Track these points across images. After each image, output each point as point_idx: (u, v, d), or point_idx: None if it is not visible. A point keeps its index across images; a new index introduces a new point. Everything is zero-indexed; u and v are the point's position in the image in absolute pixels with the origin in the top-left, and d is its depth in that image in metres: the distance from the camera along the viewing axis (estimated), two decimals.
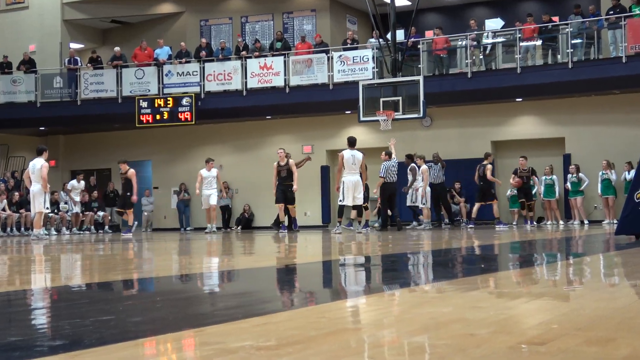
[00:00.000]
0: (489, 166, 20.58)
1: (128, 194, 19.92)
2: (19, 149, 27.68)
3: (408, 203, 21.03)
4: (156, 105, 24.41)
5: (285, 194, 19.51)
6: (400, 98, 21.14)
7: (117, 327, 3.45)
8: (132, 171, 19.87)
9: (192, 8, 27.75)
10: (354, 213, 18.45)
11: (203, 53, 24.76)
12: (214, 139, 26.42)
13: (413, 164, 21.03)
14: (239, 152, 26.25)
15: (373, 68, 22.94)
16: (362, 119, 21.73)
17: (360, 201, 18.17)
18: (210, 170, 20.89)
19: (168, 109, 24.32)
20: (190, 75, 24.71)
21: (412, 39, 22.77)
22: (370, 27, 24.10)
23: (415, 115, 21.28)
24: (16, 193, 23.38)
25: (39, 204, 17.78)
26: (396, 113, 21.02)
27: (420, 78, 21.13)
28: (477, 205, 20.79)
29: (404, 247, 11.25)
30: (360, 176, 17.90)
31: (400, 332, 3.21)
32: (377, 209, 21.57)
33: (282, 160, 19.69)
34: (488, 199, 20.67)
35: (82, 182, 24.50)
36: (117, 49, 25.99)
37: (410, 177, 20.88)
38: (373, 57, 23.01)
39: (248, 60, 24.30)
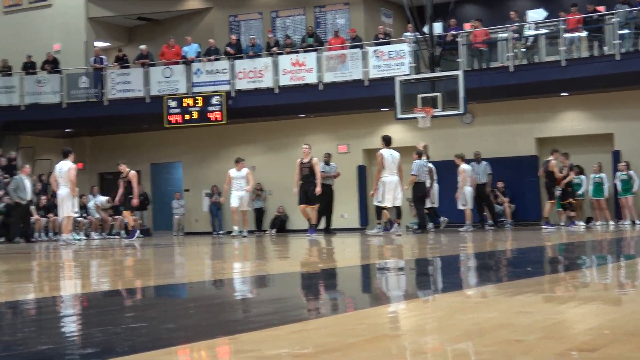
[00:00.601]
0: (553, 162, 19.65)
1: (129, 196, 19.35)
2: (44, 151, 27.12)
3: (427, 204, 20.21)
4: (185, 104, 23.73)
5: (307, 193, 18.78)
6: (439, 94, 20.35)
7: (149, 335, 3.40)
8: (133, 173, 19.57)
9: (220, 3, 27.10)
10: (386, 215, 17.73)
11: (230, 50, 24.03)
12: (245, 138, 25.70)
13: (430, 165, 20.31)
14: (272, 152, 25.54)
15: (410, 63, 22.12)
16: (399, 116, 20.96)
17: (400, 202, 17.57)
18: (240, 171, 20.08)
19: (197, 109, 23.63)
20: (219, 73, 24.00)
21: (452, 32, 21.96)
22: (406, 20, 23.27)
23: (455, 112, 20.48)
24: (43, 197, 22.77)
25: (67, 208, 17.52)
26: (435, 110, 20.21)
27: (460, 73, 20.31)
28: (549, 205, 19.86)
29: (444, 249, 11.15)
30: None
31: (443, 338, 3.13)
32: (415, 211, 20.88)
33: (305, 157, 18.95)
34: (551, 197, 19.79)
35: (109, 205, 23.88)
36: (143, 47, 25.36)
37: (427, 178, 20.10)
38: (410, 52, 22.18)
39: (279, 56, 23.56)
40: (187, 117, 23.75)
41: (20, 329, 3.85)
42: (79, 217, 21.31)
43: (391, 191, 17.18)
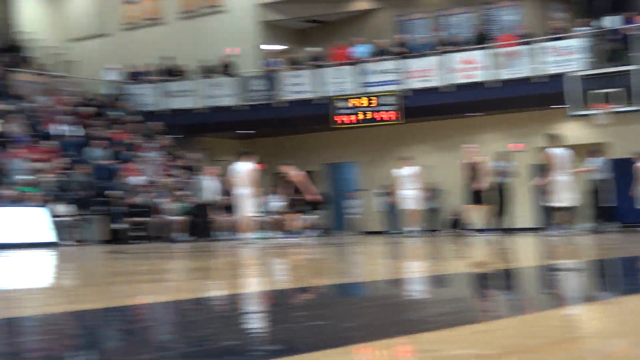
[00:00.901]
0: None
1: (294, 198, 19.49)
2: (221, 152, 28.01)
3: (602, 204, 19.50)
4: (357, 104, 23.98)
5: (474, 194, 18.53)
6: (617, 89, 19.66)
7: (328, 333, 3.44)
8: (297, 174, 19.72)
9: (388, 4, 27.24)
10: (562, 215, 17.27)
11: (399, 49, 24.10)
12: (416, 138, 25.69)
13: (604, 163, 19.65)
14: (444, 151, 25.38)
15: (584, 58, 21.43)
16: (573, 113, 20.39)
17: (574, 202, 17.10)
18: (403, 169, 19.94)
19: (370, 109, 23.83)
20: (389, 73, 24.08)
21: (629, 25, 21.14)
22: (579, 14, 22.57)
23: (636, 108, 19.73)
24: (224, 197, 23.44)
25: (247, 208, 17.73)
26: (613, 106, 19.55)
27: None
28: None
29: (626, 250, 10.68)
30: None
31: (632, 342, 2.98)
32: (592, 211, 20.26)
33: (469, 157, 18.64)
34: None
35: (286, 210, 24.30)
36: (314, 49, 25.78)
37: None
38: (584, 47, 21.49)
39: (448, 55, 23.38)
40: (359, 117, 23.99)
41: (205, 325, 3.94)
42: (258, 216, 21.83)
43: (564, 191, 16.77)
